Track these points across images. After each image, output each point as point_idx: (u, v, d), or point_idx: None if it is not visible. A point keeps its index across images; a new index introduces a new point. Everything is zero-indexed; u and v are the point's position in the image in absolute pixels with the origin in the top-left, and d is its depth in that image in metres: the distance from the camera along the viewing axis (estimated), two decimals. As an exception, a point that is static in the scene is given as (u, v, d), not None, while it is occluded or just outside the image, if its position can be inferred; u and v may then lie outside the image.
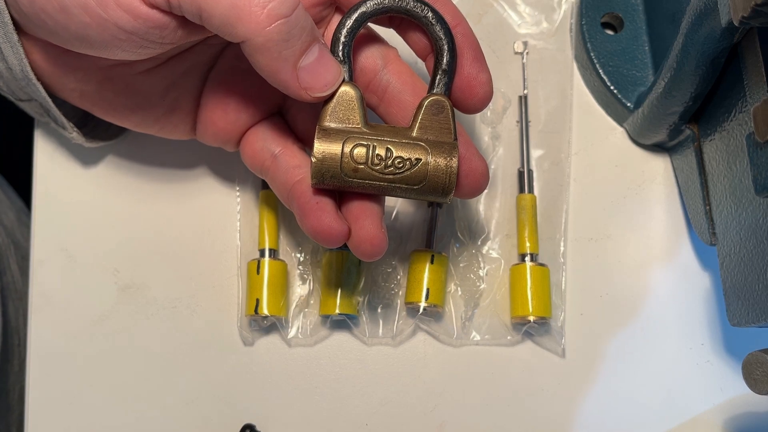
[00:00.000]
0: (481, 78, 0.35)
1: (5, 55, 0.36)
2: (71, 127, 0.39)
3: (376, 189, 0.35)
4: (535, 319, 0.41)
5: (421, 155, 0.34)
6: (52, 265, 0.43)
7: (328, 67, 0.33)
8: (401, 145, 0.34)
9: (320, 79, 0.33)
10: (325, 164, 0.34)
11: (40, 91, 0.37)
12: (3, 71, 0.37)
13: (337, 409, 0.42)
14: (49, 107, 0.38)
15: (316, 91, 0.33)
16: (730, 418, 0.43)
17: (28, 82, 0.36)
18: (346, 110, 0.35)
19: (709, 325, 0.43)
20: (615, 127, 0.46)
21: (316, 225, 0.34)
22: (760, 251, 0.34)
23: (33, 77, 0.36)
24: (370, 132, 0.34)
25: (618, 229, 0.45)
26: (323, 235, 0.34)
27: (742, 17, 0.29)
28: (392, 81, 0.36)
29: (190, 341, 0.42)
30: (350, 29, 0.35)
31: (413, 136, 0.34)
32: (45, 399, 0.41)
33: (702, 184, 0.40)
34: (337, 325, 0.43)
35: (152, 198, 0.44)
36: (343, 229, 0.34)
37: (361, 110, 0.35)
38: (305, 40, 0.32)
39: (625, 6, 0.46)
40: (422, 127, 0.35)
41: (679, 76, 0.38)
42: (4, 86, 0.38)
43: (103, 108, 0.38)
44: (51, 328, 0.42)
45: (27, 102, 0.39)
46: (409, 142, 0.34)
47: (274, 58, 0.32)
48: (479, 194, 0.37)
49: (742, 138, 0.35)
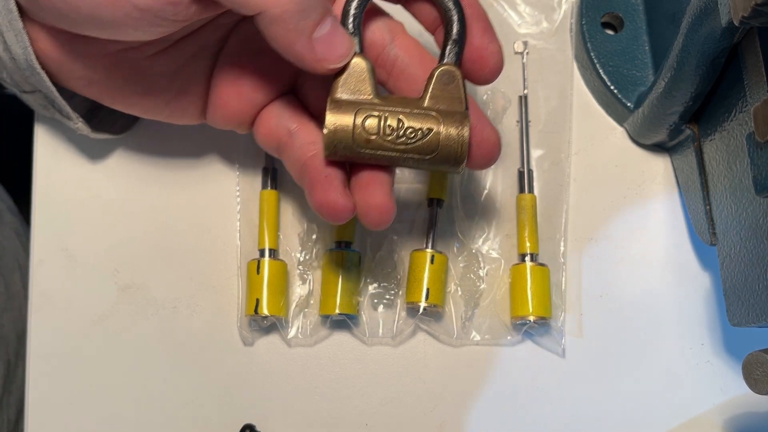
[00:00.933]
0: (492, 48, 0.35)
1: (9, 45, 0.35)
2: (76, 117, 0.39)
3: (388, 160, 0.35)
4: (535, 319, 0.41)
5: (432, 125, 0.34)
6: (52, 265, 0.43)
7: (342, 38, 0.33)
8: (413, 116, 0.34)
9: (335, 50, 0.33)
10: (337, 135, 0.34)
11: (45, 80, 0.36)
12: (7, 61, 0.36)
13: (337, 409, 0.42)
14: (54, 97, 0.37)
15: (331, 63, 0.33)
16: (730, 418, 0.43)
17: (32, 71, 0.36)
18: (357, 82, 0.35)
19: (709, 325, 0.43)
20: (615, 127, 0.46)
21: (321, 199, 0.34)
22: (760, 251, 0.34)
23: (37, 66, 0.36)
24: (381, 103, 0.34)
25: (618, 229, 0.45)
26: (328, 210, 0.34)
27: (742, 17, 0.29)
28: (400, 54, 0.36)
29: (190, 341, 0.42)
30: (360, 2, 0.35)
31: (424, 106, 0.35)
32: (45, 399, 0.41)
33: (702, 184, 0.40)
34: (337, 325, 0.43)
35: (152, 198, 0.44)
36: (347, 205, 0.34)
37: (372, 82, 0.35)
38: (320, 12, 0.32)
39: (626, 6, 0.46)
40: (433, 97, 0.35)
41: (679, 76, 0.38)
42: (7, 77, 0.38)
43: (112, 95, 0.38)
44: (51, 328, 0.42)
45: (31, 94, 0.39)
46: (421, 112, 0.34)
47: (290, 29, 0.32)
48: (491, 164, 0.36)
49: (742, 138, 0.35)
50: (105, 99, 0.38)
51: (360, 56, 0.35)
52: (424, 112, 0.34)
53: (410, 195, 0.44)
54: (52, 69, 0.37)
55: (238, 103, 0.38)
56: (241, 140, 0.44)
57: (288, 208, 0.44)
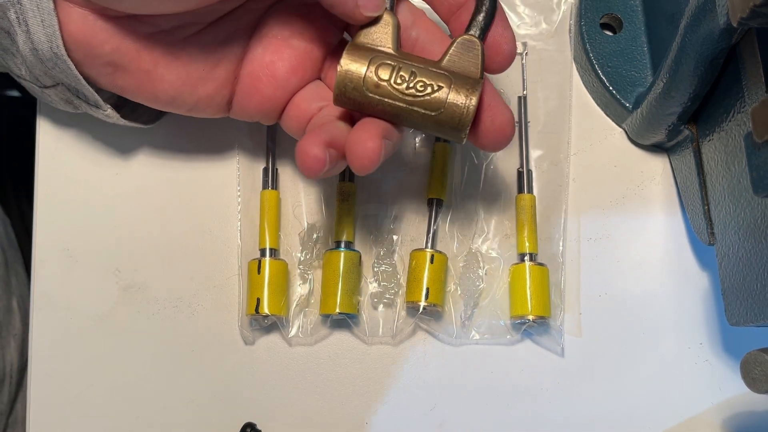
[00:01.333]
0: (507, 35, 0.36)
1: (32, 33, 0.34)
2: (105, 104, 0.38)
3: (394, 109, 0.35)
4: (535, 318, 0.41)
5: (443, 83, 0.34)
6: (54, 265, 0.43)
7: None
8: (426, 71, 0.35)
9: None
10: (349, 76, 0.34)
11: (71, 68, 0.36)
12: (27, 55, 0.36)
13: (337, 409, 0.42)
14: (81, 86, 0.37)
15: (368, 10, 0.34)
16: (729, 417, 0.43)
17: (56, 61, 0.35)
18: (381, 34, 0.35)
19: (708, 325, 0.44)
20: (614, 127, 0.47)
21: (300, 147, 0.34)
22: (758, 251, 0.35)
23: (64, 53, 0.35)
24: (399, 55, 0.35)
25: (617, 229, 0.45)
26: (300, 158, 0.34)
27: (740, 18, 0.29)
28: (421, 35, 0.37)
29: (191, 340, 0.42)
30: None
31: (441, 65, 0.35)
32: (45, 399, 0.41)
33: (701, 184, 0.41)
34: (337, 324, 0.43)
35: (153, 198, 0.44)
36: (320, 157, 0.33)
37: (394, 37, 0.35)
38: None
39: (624, 7, 0.46)
40: (451, 61, 0.35)
41: (677, 76, 0.38)
42: (26, 73, 0.37)
43: (137, 84, 0.37)
44: (52, 328, 0.42)
45: (52, 88, 0.38)
46: (435, 70, 0.35)
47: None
48: (505, 145, 0.36)
49: (740, 138, 0.35)
50: (129, 90, 0.38)
51: (387, 11, 0.35)
52: (438, 71, 0.35)
53: (410, 195, 0.44)
54: (78, 57, 0.36)
55: (271, 90, 0.38)
56: (242, 140, 0.44)
57: (288, 208, 0.44)
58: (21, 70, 0.37)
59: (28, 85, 0.39)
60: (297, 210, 0.44)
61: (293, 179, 0.44)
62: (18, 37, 0.35)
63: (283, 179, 0.44)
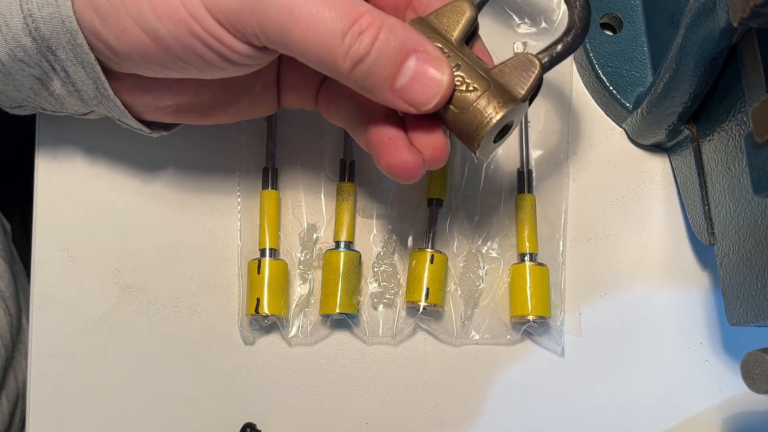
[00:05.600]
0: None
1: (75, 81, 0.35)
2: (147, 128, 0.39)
3: None
4: (535, 318, 0.41)
5: (479, 86, 0.33)
6: (54, 265, 0.43)
7: (427, 82, 0.32)
8: (470, 70, 0.33)
9: (420, 96, 0.32)
10: None
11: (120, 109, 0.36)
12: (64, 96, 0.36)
13: (337, 409, 0.42)
14: (127, 121, 0.37)
15: (421, 106, 0.32)
16: (729, 417, 0.43)
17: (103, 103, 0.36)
18: (450, 21, 0.35)
19: (708, 325, 0.44)
20: (614, 127, 0.46)
21: (391, 161, 0.34)
22: (758, 251, 0.35)
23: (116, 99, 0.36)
24: (455, 46, 0.34)
25: (617, 228, 0.45)
26: (400, 170, 0.34)
27: (740, 18, 0.29)
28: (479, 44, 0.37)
29: (191, 340, 0.42)
30: None
31: (489, 71, 0.34)
32: (45, 399, 0.41)
33: (701, 184, 0.41)
34: (337, 324, 0.43)
35: (153, 198, 0.44)
36: (417, 162, 0.34)
37: (462, 28, 0.34)
38: (396, 61, 0.32)
39: (624, 7, 0.46)
40: (501, 70, 0.34)
41: (677, 76, 0.38)
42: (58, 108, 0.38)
43: (200, 112, 0.38)
44: (52, 328, 0.42)
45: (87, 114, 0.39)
46: (480, 72, 0.34)
47: (368, 88, 0.32)
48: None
49: (740, 138, 0.35)
50: (193, 119, 0.38)
51: (468, 3, 0.35)
52: (482, 74, 0.34)
53: (410, 195, 0.44)
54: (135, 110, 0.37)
55: (304, 83, 0.39)
56: (242, 140, 0.44)
57: (288, 208, 0.44)
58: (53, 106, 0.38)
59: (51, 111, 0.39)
60: (297, 210, 0.44)
61: (293, 179, 0.44)
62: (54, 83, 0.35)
63: (283, 179, 0.44)
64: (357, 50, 0.31)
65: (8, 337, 0.50)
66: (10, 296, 0.51)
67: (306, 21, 0.30)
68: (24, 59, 0.33)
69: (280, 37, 0.31)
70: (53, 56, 0.33)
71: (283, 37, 0.31)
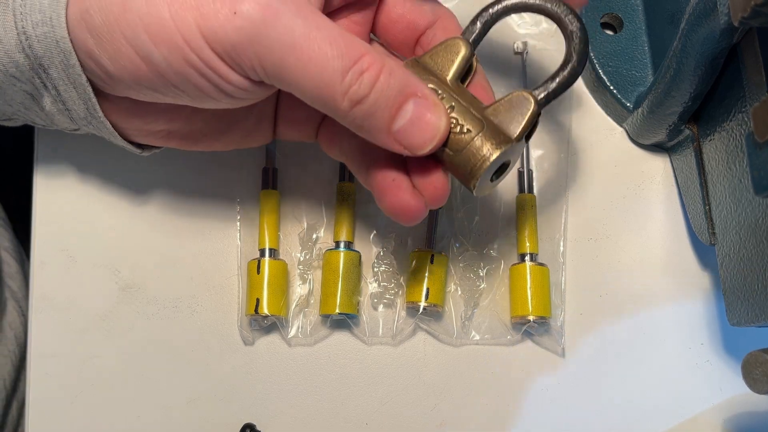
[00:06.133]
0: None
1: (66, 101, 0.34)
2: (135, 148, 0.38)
3: None
4: (535, 318, 0.41)
5: (473, 128, 0.33)
6: (53, 266, 0.43)
7: (424, 126, 0.32)
8: (465, 111, 0.33)
9: (417, 139, 0.32)
10: None
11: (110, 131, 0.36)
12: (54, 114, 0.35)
13: (337, 409, 0.42)
14: (116, 142, 0.37)
15: (417, 150, 0.32)
16: (730, 417, 0.43)
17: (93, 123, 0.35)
18: (445, 60, 0.35)
19: (709, 325, 0.44)
20: (614, 127, 0.46)
21: (395, 203, 0.34)
22: (759, 251, 0.35)
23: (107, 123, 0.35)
24: (449, 87, 0.34)
25: (617, 228, 0.45)
26: (402, 212, 0.34)
27: (741, 17, 0.29)
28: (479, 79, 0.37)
29: (191, 341, 0.42)
30: (503, 8, 0.36)
31: (483, 112, 0.34)
32: (45, 399, 0.41)
33: (701, 184, 0.40)
34: (337, 324, 0.43)
35: (152, 198, 0.44)
36: (419, 205, 0.34)
37: (456, 67, 0.34)
38: (395, 104, 0.32)
39: (625, 6, 0.46)
40: (497, 110, 0.34)
41: (678, 76, 0.38)
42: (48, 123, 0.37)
43: (191, 139, 0.38)
44: (52, 329, 0.42)
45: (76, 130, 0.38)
46: (474, 113, 0.33)
47: (365, 129, 0.32)
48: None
49: (741, 138, 0.35)
50: (184, 145, 0.38)
51: (463, 40, 0.35)
52: (476, 115, 0.33)
53: (410, 195, 0.44)
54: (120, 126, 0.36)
55: (305, 118, 0.38)
56: (242, 140, 0.44)
57: (288, 208, 0.44)
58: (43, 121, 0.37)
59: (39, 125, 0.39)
60: (297, 210, 0.44)
61: (293, 179, 0.44)
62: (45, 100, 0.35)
63: (283, 179, 0.44)
64: (357, 90, 0.30)
65: (23, 338, 0.50)
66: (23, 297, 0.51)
67: (307, 57, 0.30)
68: (16, 75, 0.33)
69: (278, 72, 0.30)
70: (45, 74, 0.33)
71: (282, 72, 0.30)
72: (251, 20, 0.29)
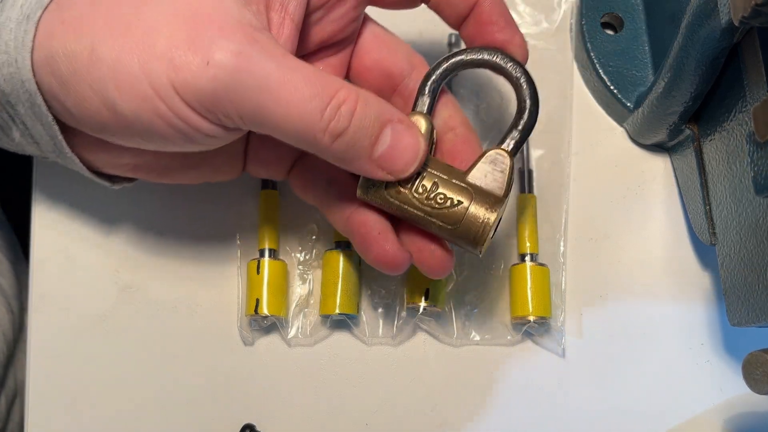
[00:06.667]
0: (517, 40, 0.36)
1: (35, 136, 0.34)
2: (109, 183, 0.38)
3: (412, 216, 0.35)
4: (535, 318, 0.41)
5: (463, 199, 0.34)
6: (52, 266, 0.43)
7: (404, 149, 0.33)
8: (449, 184, 0.34)
9: (398, 163, 0.33)
10: (372, 179, 0.34)
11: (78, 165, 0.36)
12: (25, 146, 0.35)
13: (337, 409, 0.42)
14: (86, 174, 0.37)
15: (399, 173, 0.33)
16: (730, 417, 0.43)
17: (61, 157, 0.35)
18: None
19: (709, 325, 0.43)
20: (615, 126, 0.46)
21: (381, 255, 0.35)
22: (760, 251, 0.34)
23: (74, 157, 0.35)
24: (426, 165, 0.35)
25: (618, 229, 0.45)
26: (388, 263, 0.35)
27: (742, 17, 0.29)
28: (457, 143, 0.37)
29: (190, 341, 0.42)
30: (444, 71, 0.36)
31: (465, 180, 0.35)
32: (45, 399, 0.41)
33: (702, 184, 0.40)
34: (337, 324, 0.43)
35: (152, 198, 0.44)
36: (405, 256, 0.35)
37: (426, 139, 0.35)
38: (374, 131, 0.32)
39: (625, 6, 0.46)
40: (476, 175, 0.35)
41: (678, 76, 0.38)
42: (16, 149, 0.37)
43: (159, 174, 0.38)
44: (51, 329, 0.42)
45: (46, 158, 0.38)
46: (458, 184, 0.34)
47: (346, 160, 0.32)
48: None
49: (742, 138, 0.35)
50: (153, 177, 0.38)
51: (423, 115, 0.35)
52: (461, 185, 0.34)
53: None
54: (87, 159, 0.36)
55: (274, 155, 0.38)
56: (241, 140, 0.44)
57: (288, 208, 0.44)
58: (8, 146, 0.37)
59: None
60: (297, 210, 0.44)
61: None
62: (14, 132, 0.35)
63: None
64: (336, 125, 0.31)
65: (10, 335, 0.50)
66: (13, 295, 0.51)
67: (285, 99, 0.30)
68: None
69: (256, 117, 0.30)
70: (13, 110, 0.33)
71: (260, 117, 0.30)
72: (225, 69, 0.29)
